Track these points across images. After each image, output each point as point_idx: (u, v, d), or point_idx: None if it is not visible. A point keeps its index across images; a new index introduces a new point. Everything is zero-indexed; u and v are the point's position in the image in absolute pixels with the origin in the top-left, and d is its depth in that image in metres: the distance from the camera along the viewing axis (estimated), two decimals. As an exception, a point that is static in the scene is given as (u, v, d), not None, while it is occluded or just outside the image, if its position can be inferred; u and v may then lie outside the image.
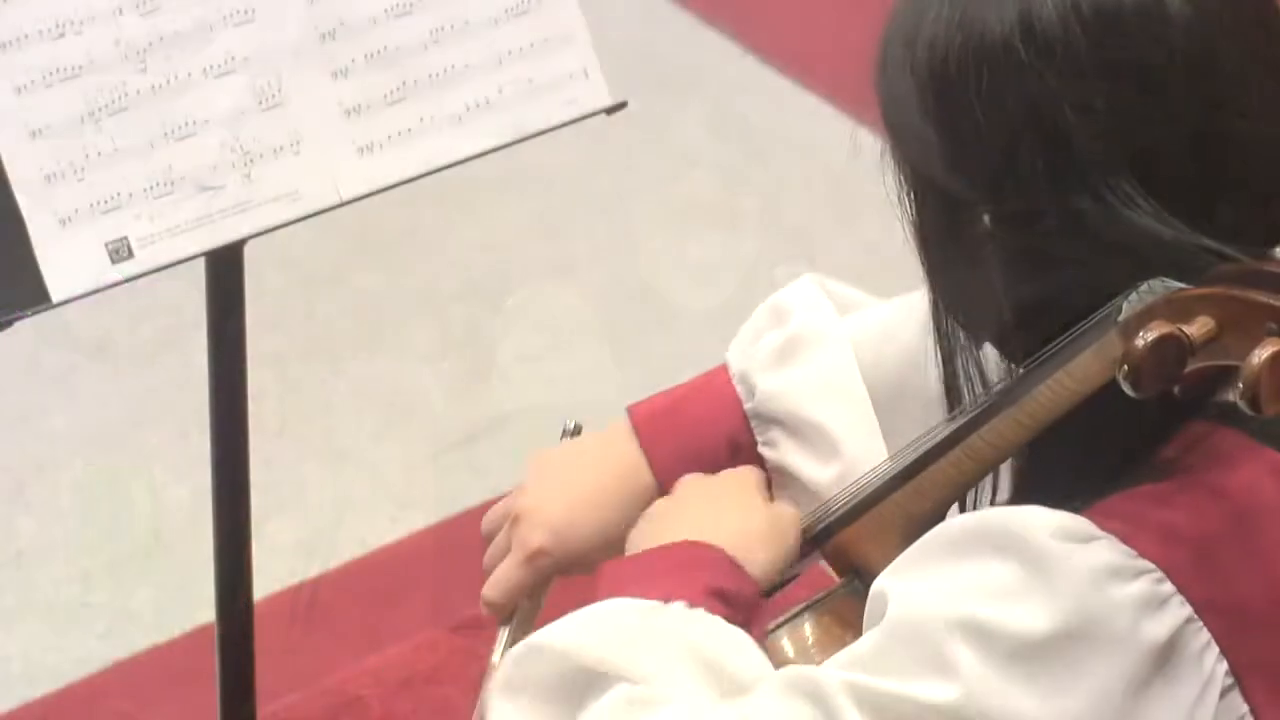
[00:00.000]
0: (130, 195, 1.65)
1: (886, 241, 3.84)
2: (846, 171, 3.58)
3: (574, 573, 1.54)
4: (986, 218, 1.22)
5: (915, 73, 1.24)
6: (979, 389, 1.32)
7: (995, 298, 1.24)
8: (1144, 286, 1.19)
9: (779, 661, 1.37)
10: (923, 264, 1.31)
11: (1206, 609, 1.17)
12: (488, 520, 1.62)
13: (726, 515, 1.40)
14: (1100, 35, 1.18)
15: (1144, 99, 1.18)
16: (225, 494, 1.85)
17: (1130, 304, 1.19)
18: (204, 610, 2.65)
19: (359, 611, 2.77)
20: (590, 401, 3.14)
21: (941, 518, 1.39)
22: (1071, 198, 1.19)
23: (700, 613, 1.28)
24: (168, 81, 1.66)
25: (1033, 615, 1.15)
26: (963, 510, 1.37)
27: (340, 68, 1.73)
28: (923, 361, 1.41)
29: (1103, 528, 1.17)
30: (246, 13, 1.69)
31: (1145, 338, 1.14)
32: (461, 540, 2.88)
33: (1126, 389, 1.15)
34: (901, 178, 1.30)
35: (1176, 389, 1.16)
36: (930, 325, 1.34)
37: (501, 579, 1.55)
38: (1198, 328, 1.14)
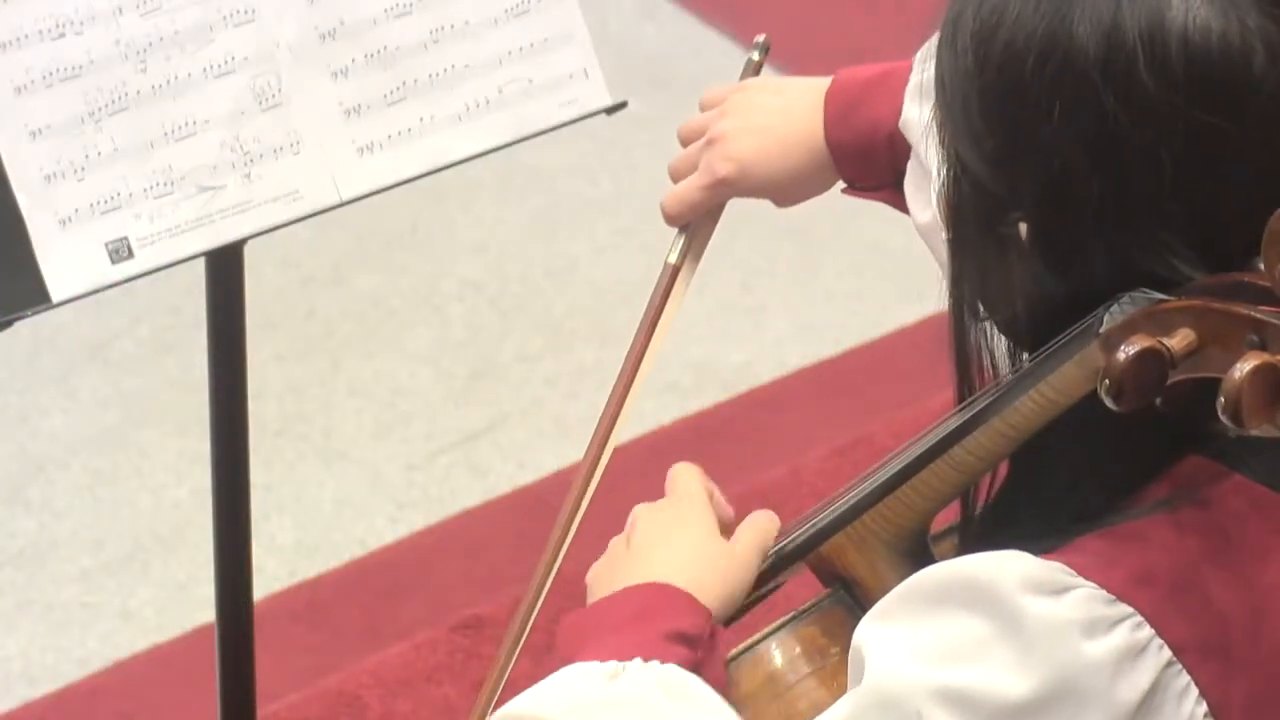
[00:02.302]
0: (130, 195, 1.65)
1: (886, 241, 3.88)
2: (846, 171, 3.59)
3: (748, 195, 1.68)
4: (1022, 226, 1.20)
5: (984, 70, 1.19)
6: (990, 373, 1.30)
7: (1012, 289, 1.23)
8: (1125, 298, 1.19)
9: (767, 671, 1.36)
10: (946, 233, 1.28)
11: (1185, 650, 1.16)
12: (685, 128, 1.74)
13: (676, 549, 1.39)
14: (1184, 88, 1.14)
15: (1212, 159, 1.15)
16: (225, 494, 1.85)
17: (1111, 316, 1.19)
18: (204, 610, 2.66)
19: (359, 611, 2.77)
20: (590, 401, 3.14)
21: (926, 528, 1.39)
22: (1115, 234, 1.17)
23: (662, 669, 1.26)
24: (168, 81, 1.66)
25: (1010, 679, 1.14)
26: (964, 510, 1.36)
27: (340, 68, 1.73)
28: None
29: (1079, 572, 1.16)
30: (246, 13, 1.69)
31: (1126, 351, 1.13)
32: (461, 540, 2.89)
33: (1109, 402, 1.14)
34: (942, 150, 1.25)
35: (1159, 400, 1.15)
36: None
37: (683, 196, 1.68)
38: (1179, 340, 1.13)
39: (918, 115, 1.57)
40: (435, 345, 3.24)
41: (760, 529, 1.44)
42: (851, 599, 1.43)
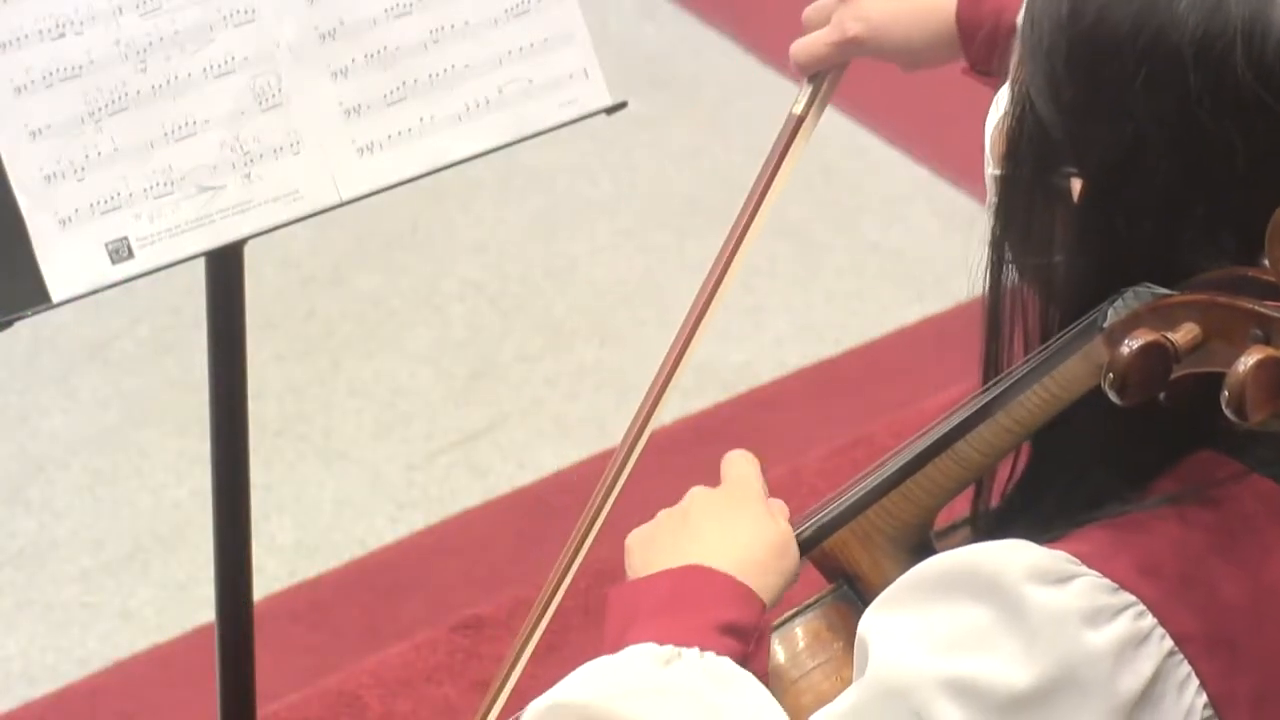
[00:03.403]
0: (130, 195, 1.65)
1: (886, 241, 3.88)
2: (846, 171, 3.59)
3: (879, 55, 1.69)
4: (1077, 184, 1.19)
5: (1078, 21, 1.17)
6: (1020, 342, 1.29)
7: (1052, 240, 1.22)
8: (1129, 293, 1.19)
9: (771, 666, 1.36)
10: (997, 169, 1.27)
11: (1187, 640, 1.16)
12: None
13: (735, 534, 1.38)
14: (1275, 84, 1.13)
15: None
16: (225, 494, 1.85)
17: (1115, 310, 1.19)
18: (204, 610, 2.66)
19: (359, 611, 2.77)
20: (590, 402, 3.15)
21: (930, 523, 1.39)
22: (1168, 212, 1.16)
23: (716, 661, 1.27)
24: (168, 81, 1.66)
25: (1014, 669, 1.14)
26: (975, 503, 1.36)
27: (340, 68, 1.73)
28: None
29: (1083, 561, 1.16)
30: (246, 13, 1.69)
31: (1130, 345, 1.13)
32: (461, 540, 2.89)
33: (1113, 396, 1.13)
34: (1015, 87, 1.24)
35: (1162, 396, 1.15)
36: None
37: (811, 48, 1.71)
38: (1182, 334, 1.13)
39: None
40: (435, 345, 3.24)
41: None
42: (855, 594, 1.43)
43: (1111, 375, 1.13)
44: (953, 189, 3.54)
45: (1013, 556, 1.17)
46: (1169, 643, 1.15)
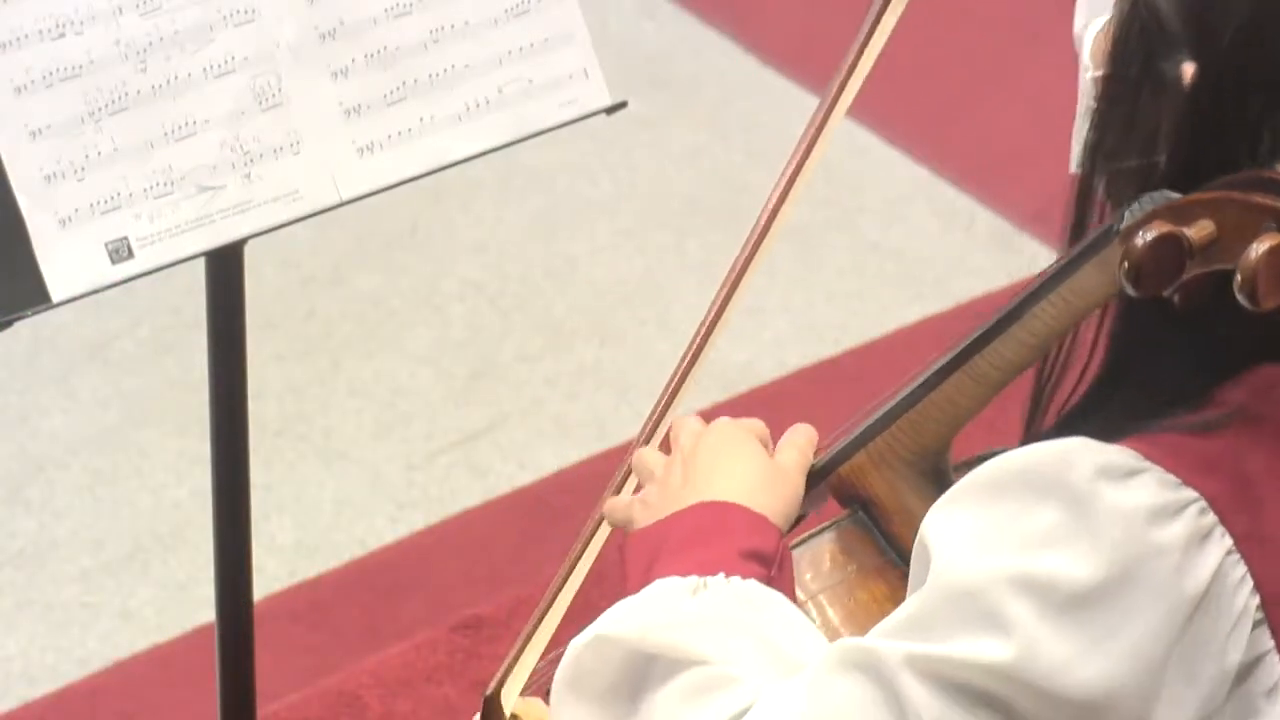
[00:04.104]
0: (130, 195, 1.65)
1: (886, 241, 3.88)
2: (846, 171, 3.59)
3: None
4: (1187, 69, 1.19)
5: None
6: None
7: (1157, 136, 1.22)
8: (1145, 198, 1.19)
9: None
10: (1108, 66, 1.26)
11: (1246, 540, 1.16)
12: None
13: (732, 468, 1.40)
14: None
15: None
16: (225, 494, 1.85)
17: (1132, 214, 1.19)
18: (204, 610, 2.66)
19: (359, 611, 2.77)
20: (590, 402, 3.15)
21: (947, 447, 1.39)
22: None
23: (744, 584, 1.29)
24: (168, 81, 1.66)
25: (1080, 563, 1.14)
26: (1033, 414, 1.34)
27: (340, 68, 1.73)
28: None
29: (1146, 456, 1.16)
30: (246, 13, 1.69)
31: (1145, 236, 1.14)
32: (461, 540, 2.89)
33: (1126, 288, 1.14)
34: None
35: (1175, 297, 1.16)
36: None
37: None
38: (1198, 230, 1.14)
39: None
40: (435, 345, 3.24)
41: (800, 447, 1.45)
42: (869, 520, 1.43)
43: (1126, 265, 1.14)
44: (953, 189, 3.54)
45: (1078, 453, 1.17)
46: (1229, 540, 1.16)
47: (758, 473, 1.40)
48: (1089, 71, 1.31)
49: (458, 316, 3.30)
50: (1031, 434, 1.35)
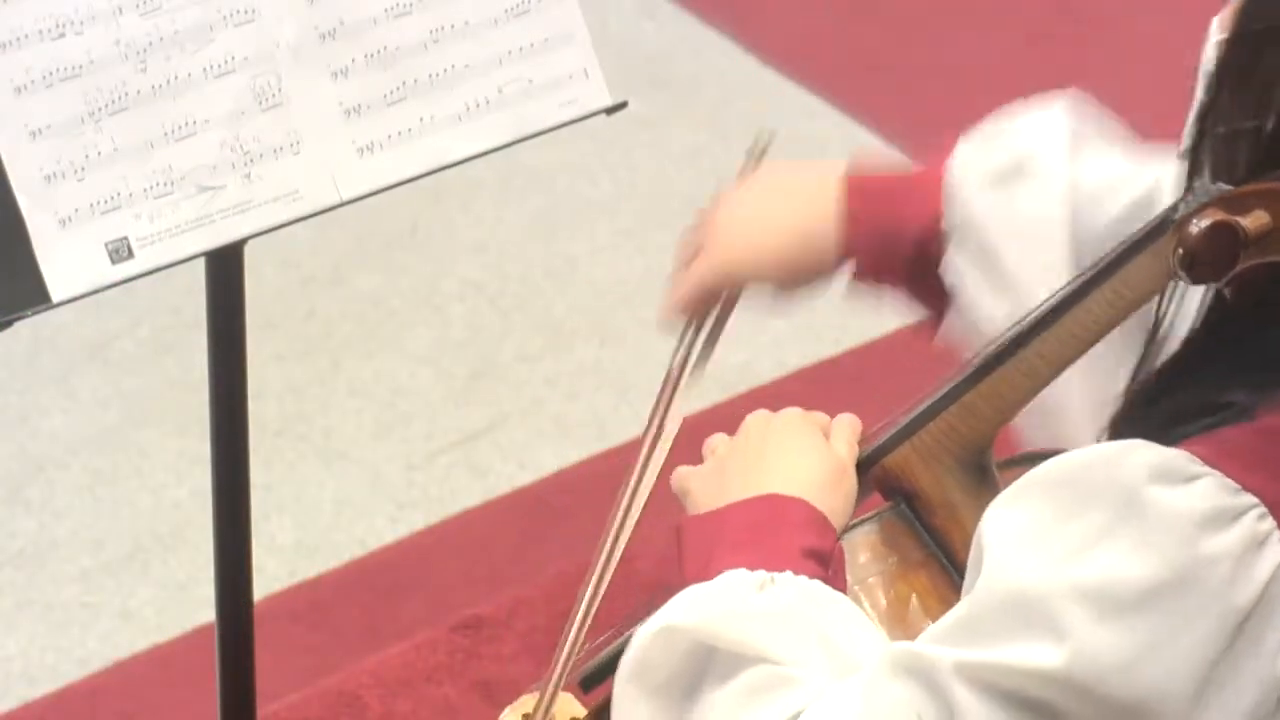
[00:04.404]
0: (130, 195, 1.65)
1: (886, 241, 3.78)
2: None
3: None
4: None
5: None
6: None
7: (1268, 104, 1.20)
8: (1200, 189, 1.19)
9: None
10: (1234, 27, 1.24)
11: None
12: (684, 241, 1.71)
13: (799, 462, 1.40)
14: None
15: None
16: (225, 494, 1.85)
17: (1186, 205, 1.19)
18: (204, 610, 2.66)
19: (359, 611, 2.77)
20: (590, 402, 3.15)
21: (991, 441, 1.38)
22: None
23: (809, 583, 1.29)
24: (168, 81, 1.66)
25: (1134, 568, 1.14)
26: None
27: (340, 68, 1.73)
28: (1114, 243, 1.37)
29: (1205, 460, 1.16)
30: (246, 13, 1.69)
31: (1200, 224, 1.14)
32: (461, 540, 2.89)
33: (1180, 276, 1.15)
34: None
35: (1227, 290, 1.16)
36: (1136, 203, 1.28)
37: (682, 280, 1.67)
38: (1253, 220, 1.14)
39: (987, 207, 1.58)
40: (435, 345, 3.24)
41: (850, 440, 1.45)
42: (912, 513, 1.43)
43: (1181, 251, 1.14)
44: (953, 189, 3.54)
45: (1134, 456, 1.17)
46: None
47: (822, 469, 1.40)
48: (1214, 37, 1.30)
49: (458, 316, 3.30)
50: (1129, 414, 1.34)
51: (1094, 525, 1.16)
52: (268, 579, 2.77)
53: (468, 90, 1.77)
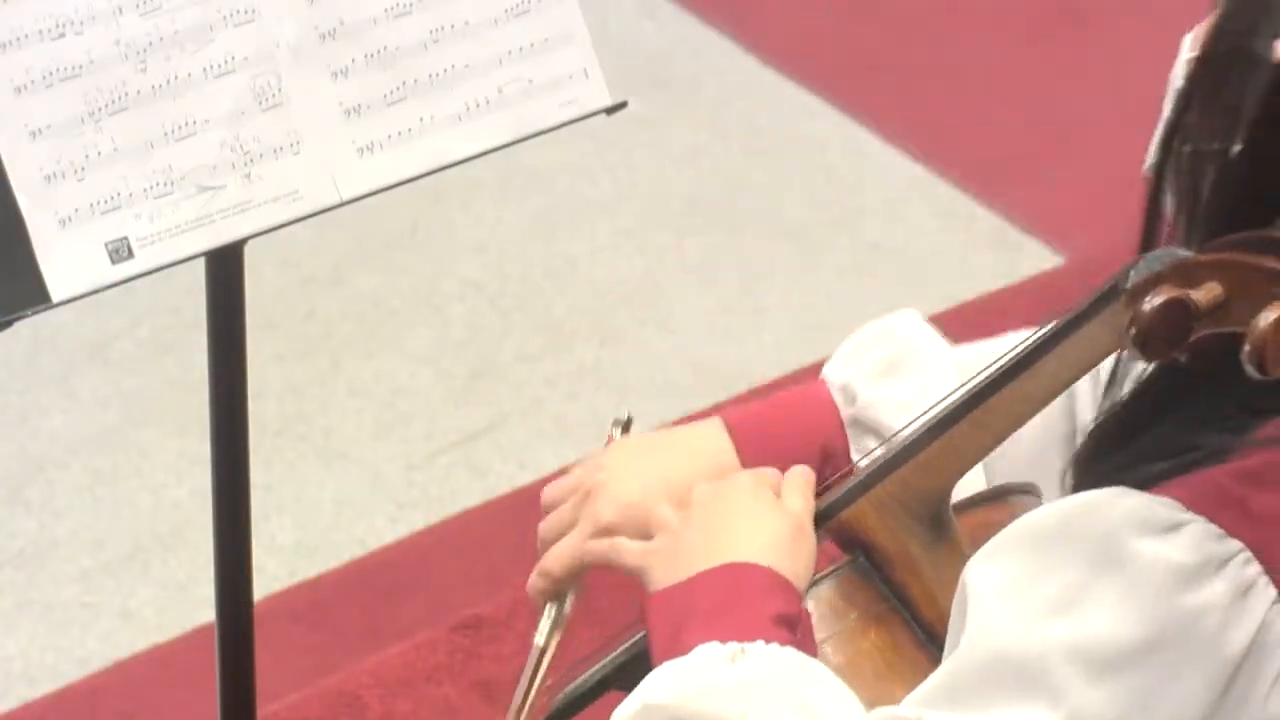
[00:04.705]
0: (130, 195, 1.65)
1: (886, 241, 3.88)
2: (846, 171, 3.59)
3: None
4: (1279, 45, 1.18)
5: None
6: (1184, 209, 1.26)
7: (1234, 125, 1.20)
8: (1151, 256, 1.19)
9: None
10: (1204, 46, 1.24)
11: None
12: (550, 492, 1.58)
13: (755, 526, 1.38)
14: None
15: None
16: (225, 494, 1.85)
17: (1137, 272, 1.19)
18: (204, 610, 2.65)
19: (359, 611, 2.77)
20: (590, 401, 3.15)
21: (948, 494, 1.38)
22: None
23: (781, 650, 1.28)
24: (168, 81, 1.66)
25: (1123, 623, 1.14)
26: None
27: (340, 68, 1.73)
28: None
29: (1189, 506, 1.15)
30: (246, 13, 1.69)
31: (1153, 301, 1.14)
32: (461, 540, 2.89)
33: (1134, 353, 1.15)
34: None
35: (1183, 356, 1.15)
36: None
37: (565, 552, 1.52)
38: (1204, 293, 1.14)
39: (884, 393, 1.57)
40: (435, 345, 3.24)
41: (804, 493, 1.43)
42: (870, 566, 1.43)
43: (1134, 330, 1.14)
44: (953, 189, 3.54)
45: (1116, 506, 1.16)
46: (1273, 591, 1.15)
47: (779, 531, 1.38)
48: (1185, 54, 1.30)
49: (458, 316, 3.30)
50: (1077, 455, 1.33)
51: (1079, 580, 1.15)
52: (268, 579, 2.76)
53: (468, 90, 1.77)
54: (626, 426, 1.62)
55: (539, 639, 1.54)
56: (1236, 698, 1.15)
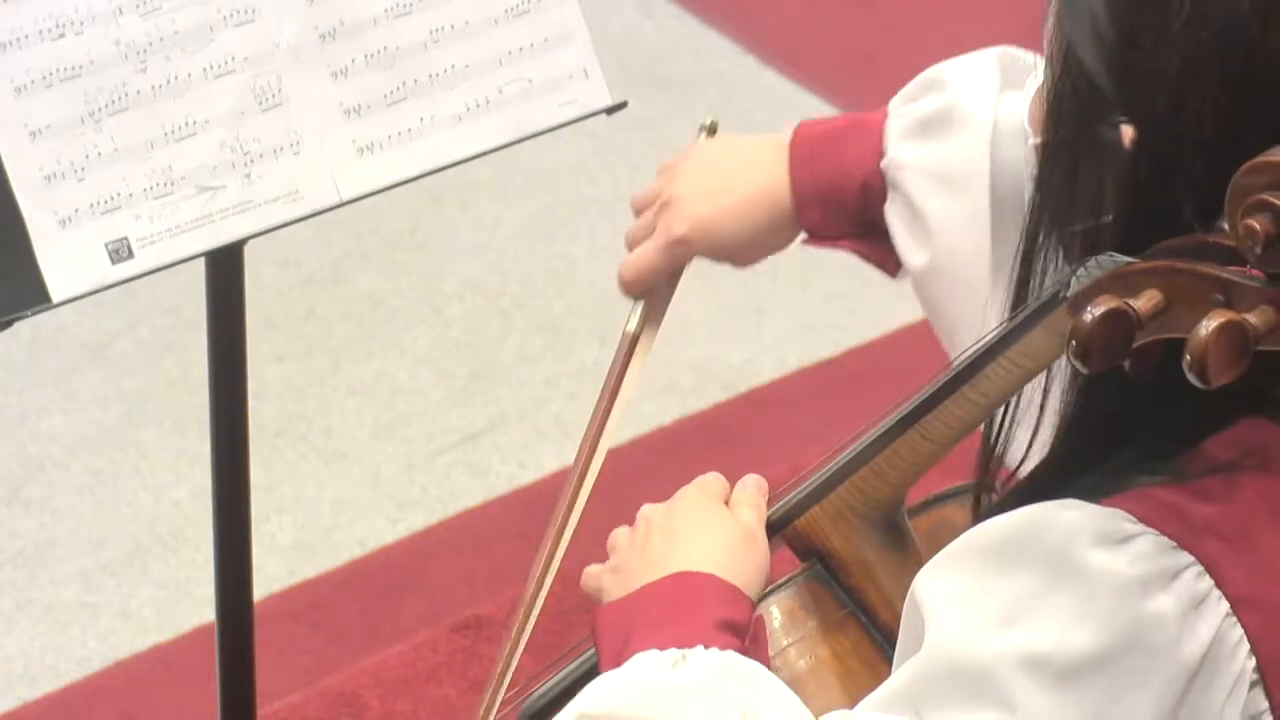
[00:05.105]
0: (130, 195, 1.65)
1: (886, 241, 3.78)
2: (846, 171, 3.59)
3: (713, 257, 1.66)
4: (1126, 130, 1.17)
5: None
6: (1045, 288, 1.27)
7: (1102, 198, 1.20)
8: (1092, 262, 1.18)
9: None
10: (1041, 136, 1.24)
11: (1242, 604, 1.15)
12: (638, 197, 1.70)
13: (703, 539, 1.38)
14: None
15: None
16: (225, 494, 1.85)
17: (1078, 279, 1.19)
18: (204, 610, 2.66)
19: (359, 611, 2.77)
20: (590, 402, 3.14)
21: (901, 499, 1.39)
22: (1219, 152, 1.13)
23: (723, 655, 1.27)
24: (168, 81, 1.66)
25: (1077, 634, 1.13)
26: (985, 465, 1.33)
27: (340, 68, 1.73)
28: None
29: (1141, 519, 1.15)
30: (246, 13, 1.69)
31: (1093, 313, 1.12)
32: (461, 540, 2.89)
33: (1076, 365, 1.13)
34: (1054, 39, 1.21)
35: (1127, 365, 1.15)
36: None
37: (640, 260, 1.67)
38: (1145, 301, 1.13)
39: (911, 155, 1.58)
40: (435, 345, 3.24)
41: (756, 504, 1.43)
42: (827, 573, 1.43)
43: (1075, 343, 1.13)
44: (953, 189, 3.54)
45: (1068, 516, 1.16)
46: (1225, 605, 1.15)
47: (729, 540, 1.38)
48: (1029, 139, 1.31)
49: (458, 316, 3.30)
50: (982, 484, 1.33)
51: (1032, 589, 1.15)
52: (268, 579, 2.76)
53: (468, 90, 1.77)
54: (712, 130, 1.73)
55: (629, 325, 1.68)
56: (1191, 709, 1.15)
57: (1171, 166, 1.16)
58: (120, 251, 1.65)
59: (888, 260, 1.65)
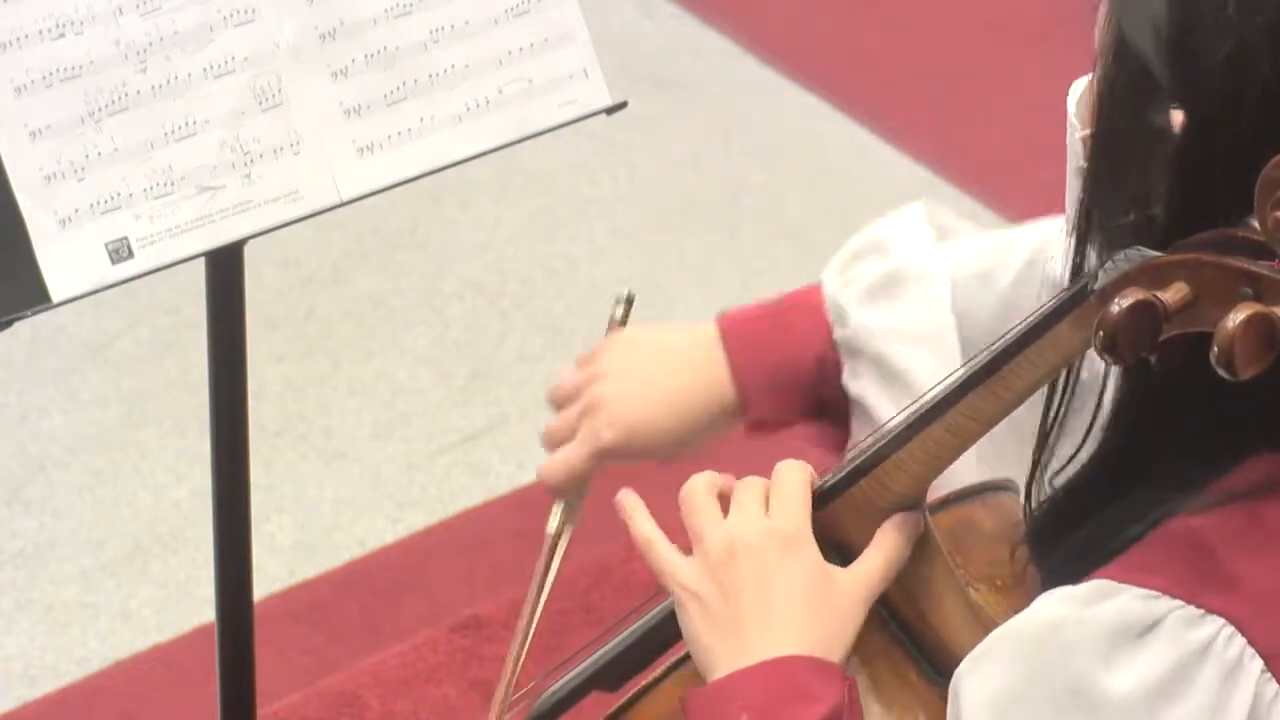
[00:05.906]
0: (130, 195, 1.65)
1: (886, 241, 3.79)
2: (846, 171, 3.59)
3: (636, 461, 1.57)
4: (1179, 117, 1.17)
5: None
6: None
7: (1150, 189, 1.19)
8: (1120, 255, 1.18)
9: None
10: (1094, 123, 1.24)
11: (1273, 657, 1.15)
12: (556, 392, 1.63)
13: (786, 613, 1.33)
14: None
15: None
16: (225, 494, 1.85)
17: (1105, 272, 1.19)
18: (204, 610, 2.66)
19: (359, 611, 2.77)
20: (590, 401, 3.14)
21: (922, 494, 1.39)
22: (1271, 133, 1.13)
23: None
24: (168, 81, 1.66)
25: None
26: (1035, 469, 1.33)
27: (340, 68, 1.73)
28: (1016, 312, 1.36)
29: (1165, 591, 1.15)
30: (246, 13, 1.69)
31: (1120, 303, 1.13)
32: (461, 540, 2.89)
33: (1103, 357, 1.14)
34: (1107, 29, 1.21)
35: (1153, 358, 1.15)
36: (1029, 262, 1.27)
37: (565, 465, 1.59)
38: (1172, 294, 1.13)
39: (877, 320, 1.57)
40: (435, 345, 3.24)
41: (804, 501, 1.40)
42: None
43: (1101, 334, 1.13)
44: (953, 189, 3.54)
45: (1086, 628, 1.15)
46: (1259, 662, 1.15)
47: (808, 605, 1.33)
48: (1076, 132, 1.31)
49: (458, 316, 3.30)
50: (1030, 487, 1.33)
51: (1059, 706, 1.15)
52: (268, 579, 2.76)
53: (468, 90, 1.77)
54: (628, 307, 1.68)
55: (550, 527, 1.61)
56: None
57: (1221, 154, 1.16)
58: (120, 251, 1.65)
59: (837, 436, 1.63)
